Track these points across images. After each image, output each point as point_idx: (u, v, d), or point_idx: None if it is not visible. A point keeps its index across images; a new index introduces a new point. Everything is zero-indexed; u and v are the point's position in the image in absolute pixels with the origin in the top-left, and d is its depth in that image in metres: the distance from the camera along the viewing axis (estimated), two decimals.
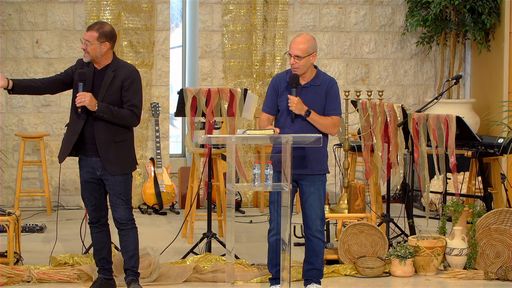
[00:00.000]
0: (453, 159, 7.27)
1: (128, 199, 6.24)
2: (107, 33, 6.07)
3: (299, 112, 6.19)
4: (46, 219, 9.04)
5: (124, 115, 6.10)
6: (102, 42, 6.06)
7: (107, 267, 6.40)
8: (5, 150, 9.68)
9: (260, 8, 10.07)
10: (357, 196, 7.80)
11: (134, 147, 6.34)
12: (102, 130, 6.10)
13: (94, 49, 6.06)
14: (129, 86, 6.11)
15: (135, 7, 9.82)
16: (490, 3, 9.74)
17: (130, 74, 6.13)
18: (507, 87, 9.60)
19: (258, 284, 6.74)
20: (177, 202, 9.75)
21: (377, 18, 10.39)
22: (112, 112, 6.06)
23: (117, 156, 6.15)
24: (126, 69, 6.15)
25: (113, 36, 6.13)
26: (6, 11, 9.67)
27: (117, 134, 6.15)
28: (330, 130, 6.28)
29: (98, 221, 6.32)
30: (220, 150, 7.99)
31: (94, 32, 6.05)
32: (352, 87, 10.11)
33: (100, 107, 6.03)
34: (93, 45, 6.05)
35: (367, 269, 6.96)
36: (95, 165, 6.16)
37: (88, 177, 6.22)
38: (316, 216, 6.30)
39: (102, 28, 6.07)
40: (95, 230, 6.35)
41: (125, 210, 6.22)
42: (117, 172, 6.14)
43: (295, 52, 6.19)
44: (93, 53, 6.07)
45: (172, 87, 10.32)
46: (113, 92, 6.10)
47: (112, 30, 6.14)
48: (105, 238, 6.37)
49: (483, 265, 7.07)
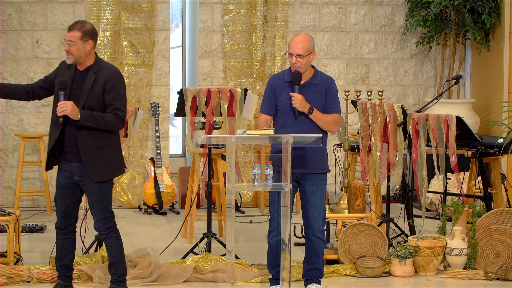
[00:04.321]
0: (454, 158, 7.27)
1: (104, 208, 6.07)
2: (90, 31, 5.95)
3: (303, 109, 6.19)
4: (46, 219, 9.03)
5: (108, 120, 5.93)
6: (85, 41, 5.93)
7: (68, 274, 6.31)
8: (5, 150, 9.68)
9: (260, 8, 10.07)
10: (357, 196, 7.80)
11: (120, 151, 6.18)
12: (85, 135, 5.95)
13: (78, 49, 5.93)
14: (111, 89, 5.95)
15: (135, 7, 9.82)
16: (490, 3, 9.74)
17: (111, 76, 5.96)
18: (507, 87, 9.60)
19: (258, 284, 6.74)
20: (177, 202, 9.75)
21: (377, 18, 10.39)
22: (96, 119, 5.90)
23: (101, 162, 6.00)
24: (107, 71, 5.98)
25: (95, 34, 6.00)
26: (6, 11, 9.67)
27: (101, 138, 5.99)
28: (331, 127, 6.29)
29: (65, 228, 6.19)
30: (220, 150, 7.98)
31: (76, 31, 5.92)
32: (352, 87, 10.11)
33: (83, 115, 5.88)
34: (76, 45, 5.92)
35: (367, 269, 6.96)
36: (74, 170, 6.02)
37: (64, 181, 6.08)
38: (318, 215, 6.29)
39: (84, 26, 5.94)
40: (61, 236, 6.22)
41: (100, 220, 6.09)
42: (101, 178, 6.00)
43: (297, 51, 6.20)
44: (77, 54, 5.94)
45: (172, 87, 10.32)
46: (95, 95, 5.95)
47: (94, 28, 6.01)
48: (70, 245, 6.24)
49: (483, 265, 7.07)
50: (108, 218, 6.12)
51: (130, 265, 6.87)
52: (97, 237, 7.24)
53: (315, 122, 6.23)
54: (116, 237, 6.18)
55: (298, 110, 6.19)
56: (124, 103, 6.04)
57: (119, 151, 6.16)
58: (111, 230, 6.15)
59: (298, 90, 6.22)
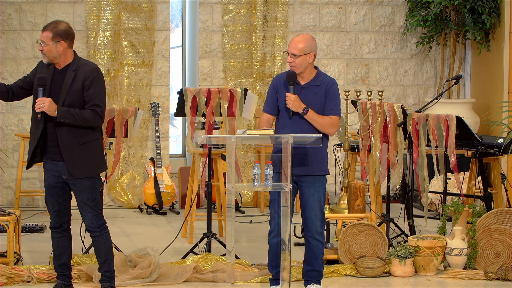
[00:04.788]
0: (454, 158, 7.27)
1: (96, 204, 6.08)
2: (61, 32, 5.91)
3: (296, 109, 6.20)
4: (46, 219, 8.98)
5: (86, 117, 5.90)
6: (57, 42, 5.89)
7: (67, 273, 6.31)
8: (5, 150, 9.68)
9: (260, 8, 10.07)
10: (357, 196, 7.80)
11: (101, 148, 6.17)
12: (65, 133, 5.93)
13: (50, 50, 5.91)
14: (89, 85, 5.92)
15: (135, 7, 9.82)
16: (490, 3, 9.74)
17: (90, 73, 5.94)
18: (507, 87, 9.60)
19: (258, 284, 6.74)
20: (177, 202, 9.75)
21: (377, 18, 10.39)
22: (74, 116, 5.87)
23: (82, 159, 5.98)
24: (86, 68, 5.96)
25: (69, 34, 5.95)
26: (6, 11, 9.67)
27: (81, 135, 5.97)
28: (328, 129, 6.27)
29: (60, 226, 6.18)
30: (220, 150, 7.98)
31: (48, 32, 5.89)
32: (352, 87, 10.11)
33: (60, 112, 5.85)
34: (48, 45, 5.90)
35: (367, 269, 6.96)
36: (61, 169, 6.00)
37: (53, 181, 6.06)
38: (315, 217, 6.29)
39: (56, 27, 5.91)
40: (56, 235, 6.21)
41: (94, 217, 6.08)
42: (82, 175, 5.97)
43: (291, 50, 6.22)
44: (49, 54, 5.92)
45: (172, 87, 10.32)
46: (74, 92, 5.92)
47: (67, 28, 5.96)
48: (66, 243, 6.24)
49: (483, 265, 7.07)
50: (100, 215, 6.13)
51: (130, 265, 6.87)
52: None
53: (311, 123, 6.23)
54: (108, 233, 6.20)
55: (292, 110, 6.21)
56: (103, 99, 6.01)
57: (100, 147, 6.14)
58: (104, 227, 6.16)
59: (293, 91, 6.23)
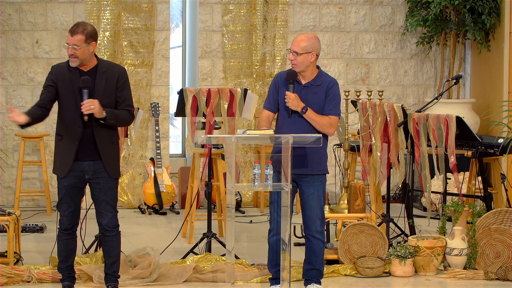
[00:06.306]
0: (453, 159, 7.27)
1: (116, 205, 6.17)
2: (92, 33, 6.01)
3: (296, 108, 6.21)
4: (46, 219, 9.03)
5: (125, 117, 6.06)
6: (89, 43, 5.99)
7: (73, 275, 6.34)
8: (5, 150, 9.68)
9: (260, 8, 10.07)
10: (357, 196, 7.80)
11: None
12: (103, 133, 6.03)
13: (83, 52, 5.98)
14: (123, 86, 6.06)
15: (135, 7, 9.82)
16: (490, 3, 9.74)
17: (123, 74, 6.09)
18: (507, 87, 9.60)
19: (258, 284, 6.74)
20: (177, 202, 9.75)
21: (377, 18, 10.39)
22: (117, 117, 6.01)
23: (116, 158, 6.12)
24: (117, 69, 6.10)
25: (96, 34, 6.08)
26: (6, 11, 9.67)
27: (113, 135, 6.11)
28: (326, 129, 6.27)
29: (72, 228, 6.19)
30: (220, 150, 7.98)
31: (80, 35, 5.95)
32: (352, 87, 10.11)
33: (108, 113, 5.95)
34: (81, 48, 5.96)
35: (367, 269, 6.96)
36: (86, 169, 6.04)
37: (74, 181, 6.07)
38: (315, 216, 6.30)
39: (86, 29, 5.98)
40: (66, 237, 6.20)
41: (113, 217, 6.16)
42: (117, 175, 6.11)
43: (293, 48, 6.24)
44: (82, 56, 5.98)
45: (172, 87, 10.32)
46: (109, 93, 6.02)
47: (94, 29, 6.08)
48: (74, 245, 6.27)
49: (483, 265, 7.07)
50: (117, 215, 6.23)
51: (130, 265, 6.87)
52: (97, 237, 7.23)
53: (310, 123, 6.24)
54: (120, 234, 6.28)
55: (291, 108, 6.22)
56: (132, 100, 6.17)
57: None
58: (118, 227, 6.25)
59: (292, 89, 6.24)
